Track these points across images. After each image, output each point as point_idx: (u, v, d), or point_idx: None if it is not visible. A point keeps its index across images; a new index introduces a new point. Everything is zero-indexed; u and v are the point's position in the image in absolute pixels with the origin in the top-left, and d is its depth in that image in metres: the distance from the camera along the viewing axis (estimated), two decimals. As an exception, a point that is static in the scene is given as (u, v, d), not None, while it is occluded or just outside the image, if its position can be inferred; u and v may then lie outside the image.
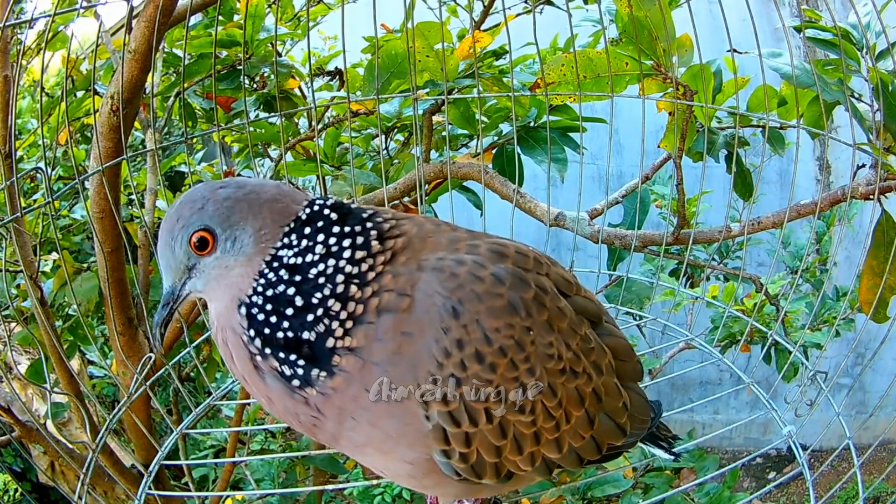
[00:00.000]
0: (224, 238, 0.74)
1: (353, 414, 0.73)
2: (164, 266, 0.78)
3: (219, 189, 0.75)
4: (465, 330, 0.72)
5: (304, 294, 0.72)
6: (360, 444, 0.77)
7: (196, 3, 1.64)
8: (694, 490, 1.80)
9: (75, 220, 2.44)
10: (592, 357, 0.84)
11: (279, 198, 0.75)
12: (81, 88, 2.14)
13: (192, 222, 0.74)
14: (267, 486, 2.06)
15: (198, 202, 0.74)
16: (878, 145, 1.18)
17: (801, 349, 1.68)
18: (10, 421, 1.51)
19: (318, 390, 0.72)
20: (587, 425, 0.83)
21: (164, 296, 0.79)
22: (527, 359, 0.75)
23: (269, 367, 0.73)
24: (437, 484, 0.81)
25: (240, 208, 0.74)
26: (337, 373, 0.72)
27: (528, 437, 0.78)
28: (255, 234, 0.74)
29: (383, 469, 0.81)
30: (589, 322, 0.87)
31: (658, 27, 1.28)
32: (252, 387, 0.76)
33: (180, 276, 0.77)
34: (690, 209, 1.92)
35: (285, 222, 0.74)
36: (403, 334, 0.71)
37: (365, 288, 0.72)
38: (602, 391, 0.84)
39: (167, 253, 0.76)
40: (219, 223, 0.74)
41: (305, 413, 0.74)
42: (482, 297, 0.74)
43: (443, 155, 1.83)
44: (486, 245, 0.79)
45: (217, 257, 0.74)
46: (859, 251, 1.20)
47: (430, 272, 0.74)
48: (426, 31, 1.48)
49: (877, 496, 3.44)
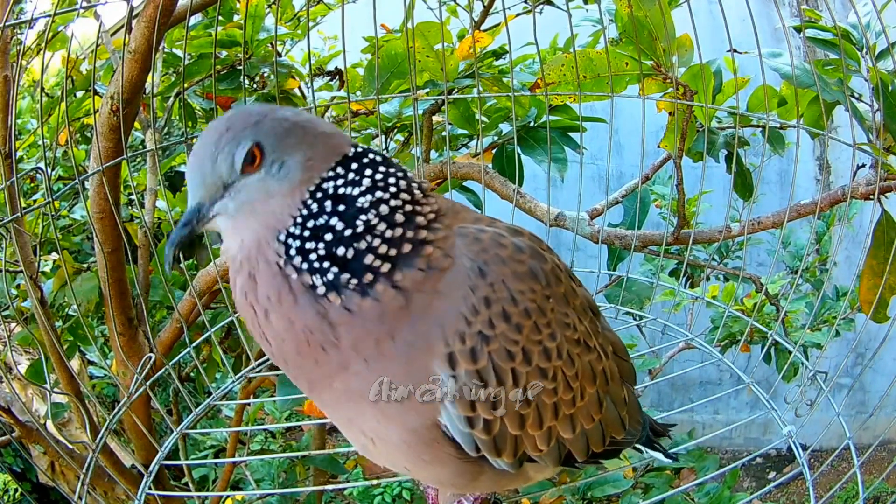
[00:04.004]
0: (272, 160, 0.69)
1: (367, 355, 0.70)
2: (195, 180, 0.71)
3: (277, 109, 0.71)
4: (492, 288, 0.72)
5: (348, 219, 0.69)
6: (357, 395, 0.72)
7: (196, 3, 1.64)
8: (694, 490, 1.80)
9: (75, 221, 2.43)
10: (600, 339, 0.86)
11: (333, 134, 0.74)
12: (81, 88, 2.14)
13: (246, 135, 0.69)
14: (267, 486, 2.06)
15: (254, 115, 0.70)
16: (878, 145, 1.19)
17: (801, 349, 1.68)
18: (10, 421, 1.51)
19: (343, 302, 0.68)
20: (597, 406, 0.84)
21: (188, 213, 0.71)
22: (548, 324, 0.76)
23: (303, 283, 0.69)
24: (435, 459, 0.78)
25: (295, 132, 0.70)
26: (370, 295, 0.68)
27: (549, 408, 0.77)
28: (304, 163, 0.70)
29: (374, 434, 0.77)
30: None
31: (658, 27, 1.28)
32: (274, 313, 0.70)
33: (213, 193, 0.70)
34: (690, 209, 1.92)
35: (335, 157, 0.72)
36: (436, 292, 0.70)
37: (418, 230, 0.71)
38: (609, 374, 0.86)
39: (205, 165, 0.70)
40: (272, 142, 0.69)
41: (319, 330, 0.69)
42: (506, 262, 0.74)
43: (443, 155, 1.83)
44: (504, 224, 0.81)
45: (261, 178, 0.69)
46: (859, 251, 1.20)
47: (459, 238, 0.74)
48: (426, 31, 1.48)
49: (877, 496, 3.44)
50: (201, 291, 1.63)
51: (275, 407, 2.20)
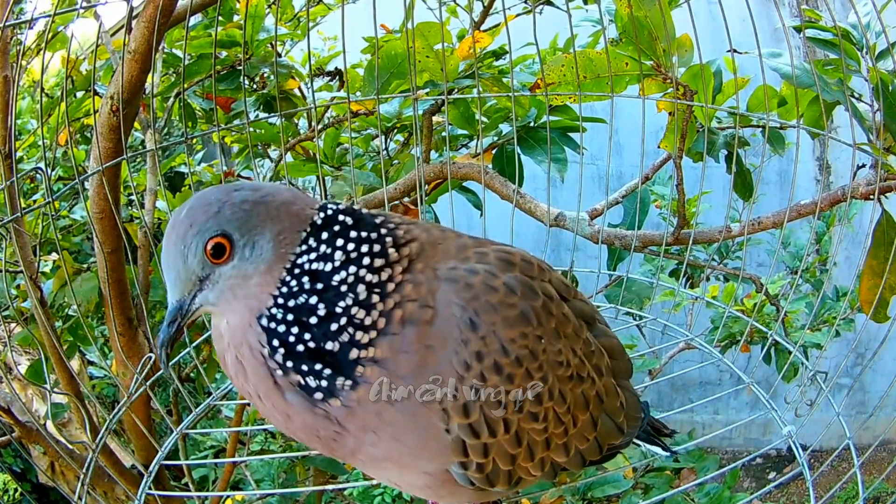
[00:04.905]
0: (242, 244, 0.68)
1: (376, 429, 0.71)
2: (171, 279, 0.71)
3: (233, 192, 0.70)
4: (483, 342, 0.71)
5: (327, 302, 0.68)
6: (379, 458, 0.75)
7: (196, 3, 1.64)
8: (694, 490, 1.80)
9: (75, 221, 2.43)
10: (594, 360, 0.85)
11: (294, 200, 0.71)
12: (81, 89, 2.14)
13: (209, 227, 0.68)
14: (267, 487, 2.06)
15: (213, 205, 0.68)
16: (878, 145, 1.18)
17: (801, 349, 1.68)
18: (10, 421, 1.51)
19: (342, 402, 0.69)
20: (591, 427, 0.84)
21: (170, 312, 0.72)
22: (540, 367, 0.76)
23: (290, 383, 0.69)
24: (452, 493, 0.81)
25: (258, 211, 0.69)
26: (361, 383, 0.69)
27: (540, 444, 0.78)
28: (275, 239, 0.69)
29: (398, 481, 0.81)
30: (585, 324, 0.88)
31: (658, 27, 1.28)
32: (267, 404, 0.72)
33: (190, 288, 0.70)
34: (690, 209, 1.92)
35: (303, 227, 0.70)
36: (427, 347, 0.70)
37: (387, 299, 0.69)
38: (603, 393, 0.86)
39: (177, 263, 0.69)
40: (237, 227, 0.68)
41: (326, 428, 0.71)
42: (497, 308, 0.73)
43: (443, 155, 1.83)
44: (494, 253, 0.79)
45: (235, 265, 0.69)
46: (859, 251, 1.20)
47: (446, 283, 0.73)
48: (426, 31, 1.48)
49: (877, 496, 3.44)
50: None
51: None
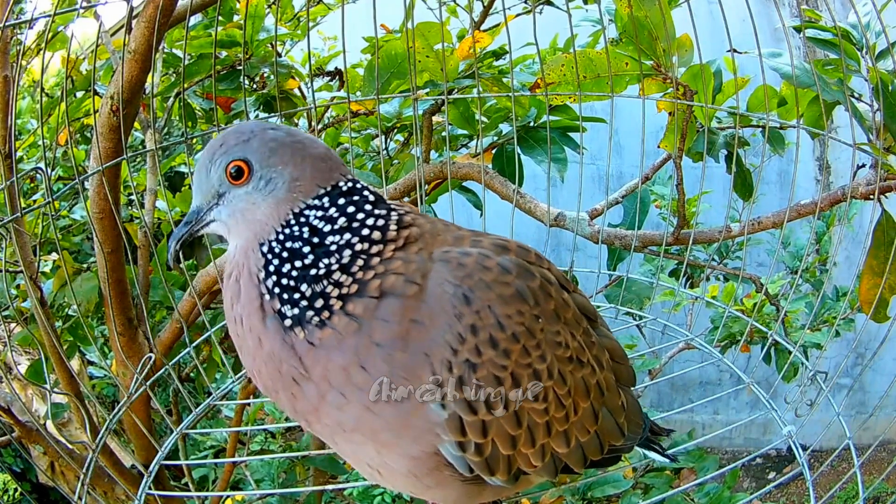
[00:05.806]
0: (259, 175, 0.75)
1: (343, 388, 0.72)
2: (196, 186, 0.80)
3: (269, 129, 0.77)
4: (478, 316, 0.73)
5: (315, 255, 0.73)
6: (349, 427, 0.75)
7: (196, 3, 1.64)
8: (694, 490, 1.80)
9: (75, 221, 2.43)
10: (594, 351, 0.85)
11: (326, 158, 0.77)
12: (81, 89, 2.14)
13: (235, 150, 0.76)
14: (267, 487, 2.06)
15: (245, 134, 0.76)
16: (878, 145, 1.18)
17: (801, 349, 1.68)
18: (10, 421, 1.51)
19: (307, 336, 0.72)
20: (592, 419, 0.84)
21: (189, 214, 0.80)
22: (538, 345, 0.76)
23: (273, 308, 0.74)
24: (439, 484, 0.80)
25: (283, 152, 0.75)
26: (327, 326, 0.72)
27: (541, 427, 0.78)
28: (290, 181, 0.75)
29: (378, 465, 0.79)
30: (587, 319, 0.88)
31: (658, 27, 1.28)
32: (247, 324, 0.76)
33: (209, 199, 0.78)
34: (690, 209, 1.92)
35: (323, 184, 0.76)
36: (412, 321, 0.72)
37: (367, 270, 0.73)
38: (604, 385, 0.85)
39: (202, 173, 0.78)
40: (259, 159, 0.75)
41: (289, 363, 0.73)
42: (491, 285, 0.75)
43: (443, 155, 1.83)
44: (489, 240, 0.81)
45: (248, 191, 0.76)
46: (859, 251, 1.20)
47: (439, 263, 0.75)
48: (426, 31, 1.48)
49: (877, 496, 3.44)
50: (201, 291, 1.63)
51: (275, 407, 2.20)
